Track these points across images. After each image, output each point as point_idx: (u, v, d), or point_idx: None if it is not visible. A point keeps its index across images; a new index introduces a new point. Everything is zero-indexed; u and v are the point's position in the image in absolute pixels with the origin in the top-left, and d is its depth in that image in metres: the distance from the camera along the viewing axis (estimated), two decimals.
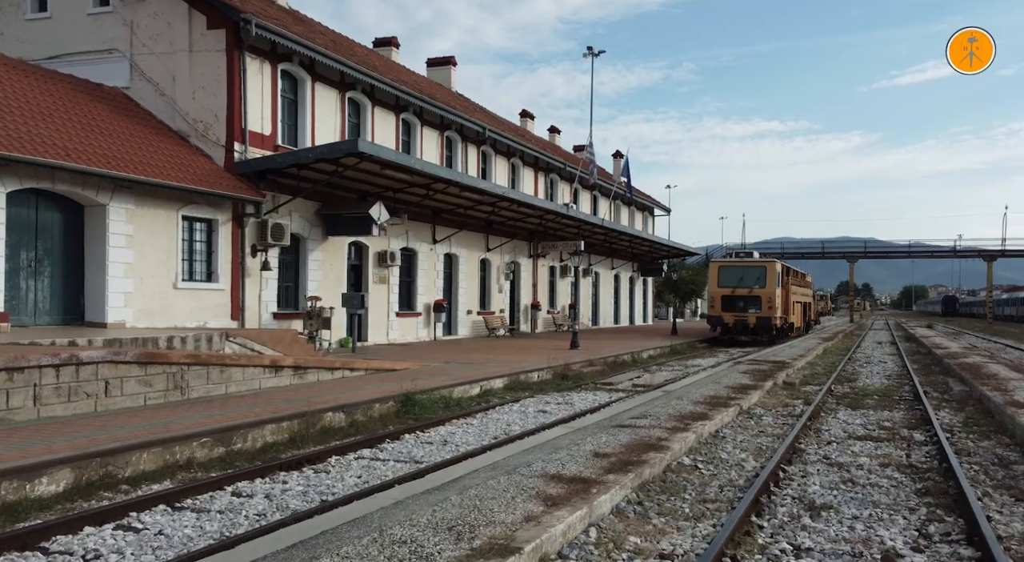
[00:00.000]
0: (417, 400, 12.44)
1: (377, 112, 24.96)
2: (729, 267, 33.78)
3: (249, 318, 19.34)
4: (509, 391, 15.51)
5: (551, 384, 16.98)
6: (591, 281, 44.30)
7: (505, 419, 12.32)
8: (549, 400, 14.51)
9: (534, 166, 36.99)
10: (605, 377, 18.70)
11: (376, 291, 24.80)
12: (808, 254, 76.91)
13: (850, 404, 14.09)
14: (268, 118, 20.13)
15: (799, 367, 20.37)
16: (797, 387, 16.36)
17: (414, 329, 26.89)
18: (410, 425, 11.37)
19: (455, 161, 29.88)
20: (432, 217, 27.69)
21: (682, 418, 10.12)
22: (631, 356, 23.94)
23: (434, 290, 28.13)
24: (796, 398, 14.45)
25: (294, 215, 20.90)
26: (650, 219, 56.65)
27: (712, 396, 12.64)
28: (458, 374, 15.81)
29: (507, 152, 34.08)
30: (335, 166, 19.25)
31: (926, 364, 23.65)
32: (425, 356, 20.39)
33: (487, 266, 32.38)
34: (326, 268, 22.34)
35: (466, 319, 30.53)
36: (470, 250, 30.58)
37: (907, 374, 19.97)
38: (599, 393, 15.70)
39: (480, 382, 15.13)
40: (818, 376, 19.13)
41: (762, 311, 32.34)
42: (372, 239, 24.19)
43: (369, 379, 14.40)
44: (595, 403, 14.14)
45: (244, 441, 9.00)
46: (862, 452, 9.53)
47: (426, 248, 27.58)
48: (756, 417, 11.73)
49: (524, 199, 27.31)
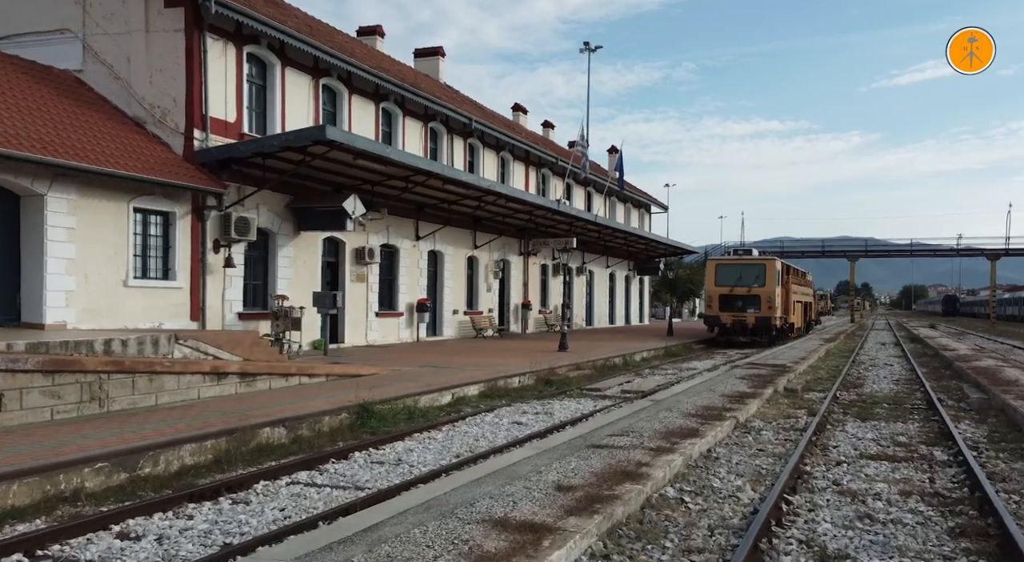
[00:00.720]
0: (375, 411, 11.11)
1: (355, 100, 23.61)
2: (727, 265, 32.44)
3: (211, 319, 18.00)
4: (485, 399, 14.19)
5: (532, 390, 15.66)
6: (585, 280, 42.97)
7: (474, 432, 11.00)
8: (527, 409, 13.18)
9: (525, 160, 35.65)
10: (592, 382, 17.38)
11: (354, 290, 23.47)
12: (808, 253, 75.58)
13: (858, 414, 12.77)
14: (233, 104, 18.77)
15: (801, 371, 19.05)
16: (799, 394, 15.04)
17: (395, 330, 25.56)
18: (364, 441, 10.06)
19: (440, 154, 28.54)
20: (415, 212, 26.35)
21: (669, 435, 8.79)
22: (623, 359, 22.62)
23: (417, 289, 26.80)
24: (799, 407, 13.13)
25: (262, 208, 19.56)
26: (647, 217, 55.32)
27: (705, 406, 11.32)
28: (430, 380, 14.49)
29: (496, 145, 32.73)
30: (303, 155, 17.91)
31: (935, 367, 22.34)
32: (401, 359, 19.06)
33: (475, 264, 31.04)
34: (298, 265, 21.01)
35: (452, 319, 29.19)
36: (456, 247, 29.25)
37: (917, 379, 18.66)
38: (583, 401, 14.38)
39: (453, 389, 13.80)
40: (821, 381, 17.81)
41: (761, 311, 31.00)
42: (348, 235, 22.85)
43: (328, 386, 13.08)
44: (577, 413, 12.82)
45: (155, 465, 7.68)
46: (877, 475, 8.21)
47: (408, 245, 26.24)
48: (754, 432, 10.40)
49: (512, 193, 26.00)
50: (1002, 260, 69.60)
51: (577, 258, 41.03)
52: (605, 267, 45.78)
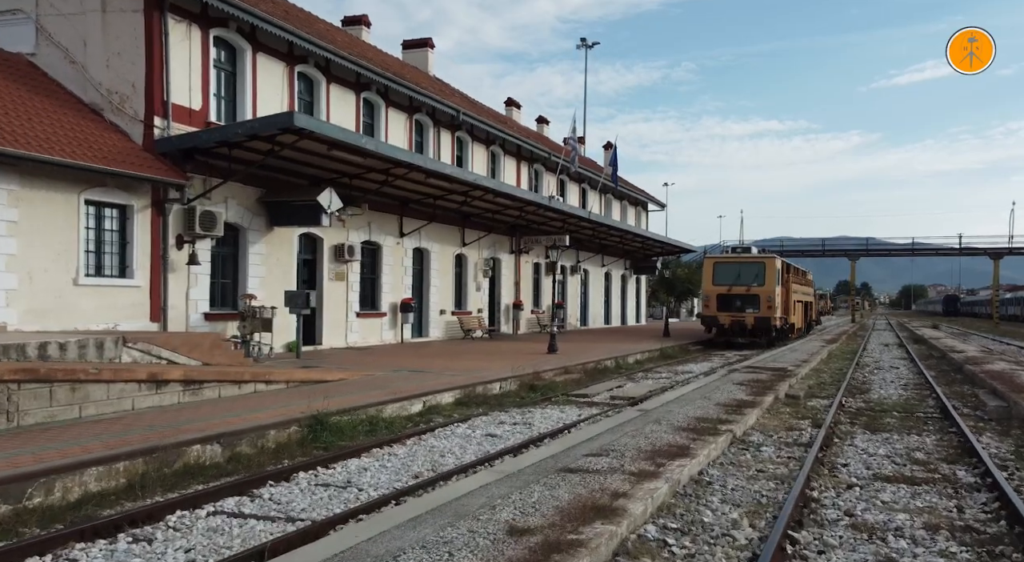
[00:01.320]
0: (332, 423, 9.97)
1: (334, 90, 22.46)
2: (725, 263, 31.28)
3: (174, 319, 16.85)
4: (460, 407, 13.04)
5: (514, 397, 14.51)
6: (579, 279, 41.82)
7: (441, 447, 9.86)
8: (505, 419, 12.04)
9: (516, 155, 34.50)
10: (580, 387, 16.24)
11: (333, 289, 22.32)
12: (808, 252, 74.48)
13: (868, 424, 11.63)
14: (198, 91, 17.62)
15: (803, 375, 17.91)
16: (802, 402, 13.90)
17: (378, 331, 24.41)
18: (314, 458, 8.91)
19: (426, 147, 27.39)
20: (399, 208, 25.20)
21: (655, 454, 7.65)
22: (615, 361, 21.49)
23: (401, 288, 25.65)
24: (802, 417, 11.99)
25: (230, 202, 18.41)
26: (644, 214, 54.16)
27: (699, 418, 10.18)
28: (402, 386, 13.34)
29: (486, 140, 31.58)
30: (271, 145, 16.76)
31: (945, 371, 21.20)
32: (378, 362, 17.92)
33: (463, 262, 29.89)
34: (271, 263, 19.85)
35: (439, 320, 28.04)
36: (443, 245, 28.10)
37: (926, 384, 17.53)
38: (567, 409, 13.23)
39: (425, 396, 12.66)
40: (825, 386, 16.68)
41: (760, 311, 29.86)
42: (327, 231, 21.70)
43: (286, 395, 11.93)
44: (559, 423, 11.68)
45: (48, 493, 6.53)
46: (896, 503, 7.08)
47: (392, 242, 25.08)
48: (753, 448, 9.25)
49: (500, 188, 24.84)
50: (1004, 259, 68.48)
51: (571, 257, 39.89)
52: (600, 266, 44.65)
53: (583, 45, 54.99)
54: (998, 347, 32.37)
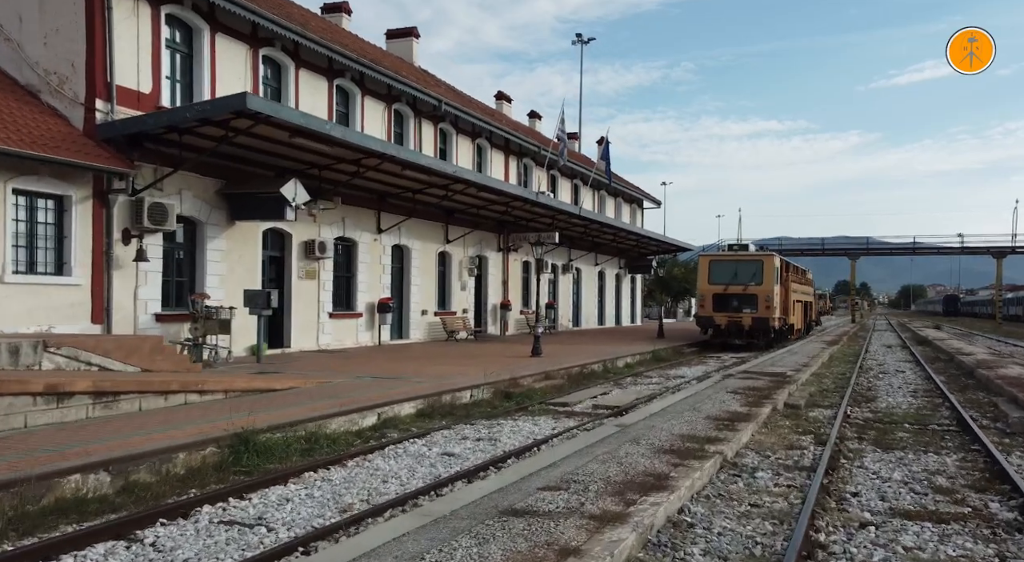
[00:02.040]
0: (260, 442, 8.60)
1: (304, 76, 21.08)
2: (721, 261, 29.91)
3: (119, 321, 15.48)
4: (422, 419, 11.68)
5: (485, 407, 13.15)
6: (572, 278, 40.46)
7: (387, 470, 8.51)
8: (469, 434, 10.68)
9: (505, 149, 33.13)
10: (561, 394, 14.88)
11: (303, 288, 20.95)
12: (808, 251, 73.13)
13: (877, 440, 10.29)
14: (148, 72, 16.25)
15: (803, 381, 16.56)
16: (803, 413, 12.54)
17: (353, 332, 23.04)
18: (231, 486, 7.55)
19: (406, 138, 26.02)
20: (376, 202, 23.83)
21: (626, 487, 6.29)
22: (603, 365, 20.13)
23: (379, 287, 24.27)
24: (803, 432, 10.63)
25: (185, 194, 17.05)
26: (639, 212, 52.76)
27: (685, 435, 8.82)
28: (359, 395, 11.98)
29: (472, 132, 30.21)
30: (225, 130, 15.38)
31: (954, 375, 19.84)
32: (345, 367, 16.57)
33: (447, 260, 28.52)
34: (232, 260, 18.48)
35: (420, 320, 26.67)
36: (425, 242, 26.73)
37: (937, 390, 16.19)
38: (542, 421, 11.87)
39: (382, 407, 11.29)
40: (828, 394, 15.33)
41: (758, 311, 28.49)
42: (295, 226, 20.34)
43: (219, 407, 10.56)
44: (528, 439, 10.32)
45: None
46: (923, 549, 5.73)
47: (368, 238, 23.71)
48: (747, 474, 7.88)
49: (483, 182, 23.47)
50: (1005, 259, 67.16)
51: (563, 255, 38.53)
52: (594, 265, 43.29)
53: (579, 41, 53.74)
54: (1005, 349, 31.05)
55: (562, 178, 39.53)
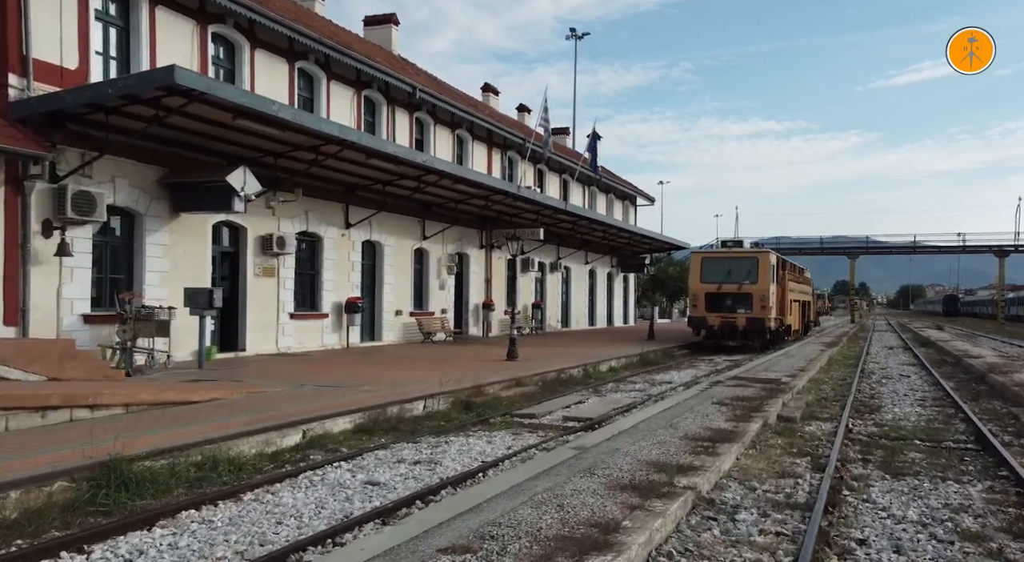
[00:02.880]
0: (134, 473, 7.03)
1: (261, 57, 19.52)
2: (714, 259, 28.35)
3: (39, 322, 13.89)
4: (359, 436, 10.12)
5: (439, 420, 11.59)
6: (560, 277, 38.90)
7: (289, 505, 6.95)
8: (407, 455, 9.11)
9: (487, 142, 31.57)
10: (531, 404, 13.31)
11: (259, 287, 19.38)
12: (806, 250, 71.55)
13: (886, 463, 8.74)
14: (73, 46, 14.66)
15: (800, 389, 15.01)
16: (798, 427, 10.99)
17: (318, 334, 21.46)
18: (76, 533, 6.00)
19: (378, 127, 24.47)
20: (344, 195, 22.26)
21: (558, 548, 4.73)
22: (583, 369, 18.57)
23: (347, 286, 22.70)
24: (798, 453, 9.08)
25: (120, 182, 15.49)
26: (632, 209, 51.20)
27: (653, 463, 7.27)
28: (289, 409, 10.42)
29: (451, 122, 28.67)
30: (155, 109, 13.81)
31: (964, 381, 18.29)
32: (295, 374, 15.03)
33: (424, 257, 26.96)
34: (176, 255, 16.91)
35: (394, 322, 25.10)
36: (400, 237, 25.16)
37: (947, 397, 14.65)
38: (498, 438, 10.32)
39: (310, 423, 9.73)
40: (827, 403, 13.77)
41: (753, 311, 26.94)
42: (251, 220, 18.79)
43: (109, 426, 8.99)
44: (476, 461, 8.78)
45: None
46: None
47: (335, 233, 22.14)
48: (725, 516, 6.30)
49: (457, 172, 21.87)
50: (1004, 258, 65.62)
51: (550, 253, 36.97)
52: (584, 263, 41.72)
53: (573, 36, 52.29)
54: (1013, 350, 29.50)
55: (550, 173, 38.00)
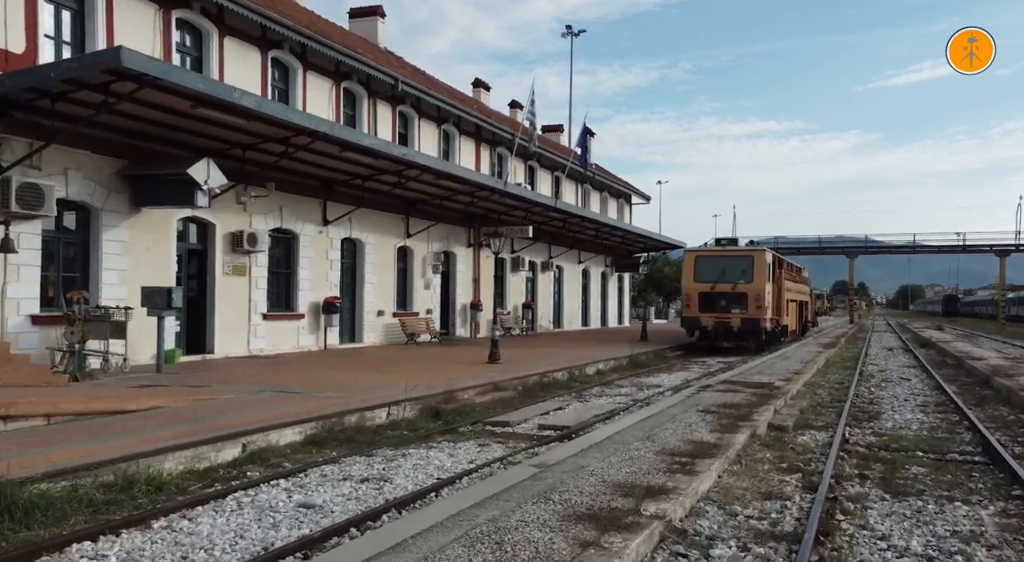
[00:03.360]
0: (23, 499, 6.15)
1: (231, 45, 18.66)
2: (708, 257, 27.47)
3: None
4: (308, 449, 9.23)
5: (403, 429, 10.71)
6: (552, 276, 38.01)
7: (202, 535, 6.07)
8: (357, 471, 8.24)
9: (476, 137, 30.71)
10: (506, 412, 12.44)
11: (230, 286, 18.50)
12: (804, 249, 70.64)
13: (885, 480, 7.86)
14: (19, 29, 13.80)
15: (794, 394, 14.14)
16: (790, 437, 10.12)
17: (293, 336, 20.58)
18: None
19: (359, 120, 23.61)
20: (322, 191, 21.38)
21: None
22: (569, 372, 17.71)
23: (325, 285, 21.82)
24: (788, 469, 8.20)
25: (74, 175, 14.62)
26: (627, 208, 50.33)
27: (621, 484, 6.39)
28: (233, 418, 9.55)
29: (437, 117, 27.81)
30: (104, 96, 12.91)
31: (967, 384, 17.41)
32: (259, 378, 14.16)
33: (408, 256, 26.08)
34: (137, 253, 16.03)
35: (376, 322, 24.22)
36: (382, 235, 24.28)
37: (950, 402, 13.78)
38: (462, 450, 9.44)
39: (251, 435, 8.85)
40: (822, 410, 12.90)
41: (748, 311, 26.07)
42: (220, 215, 17.92)
43: (19, 440, 8.11)
44: (432, 478, 7.90)
45: None
46: None
47: (313, 230, 21.26)
48: (697, 552, 5.38)
49: (441, 167, 21.00)
50: (995, 259, 64.75)
51: (542, 252, 36.10)
52: (577, 262, 40.84)
53: (569, 33, 51.41)
54: (1016, 352, 28.63)
55: (542, 170, 37.14)
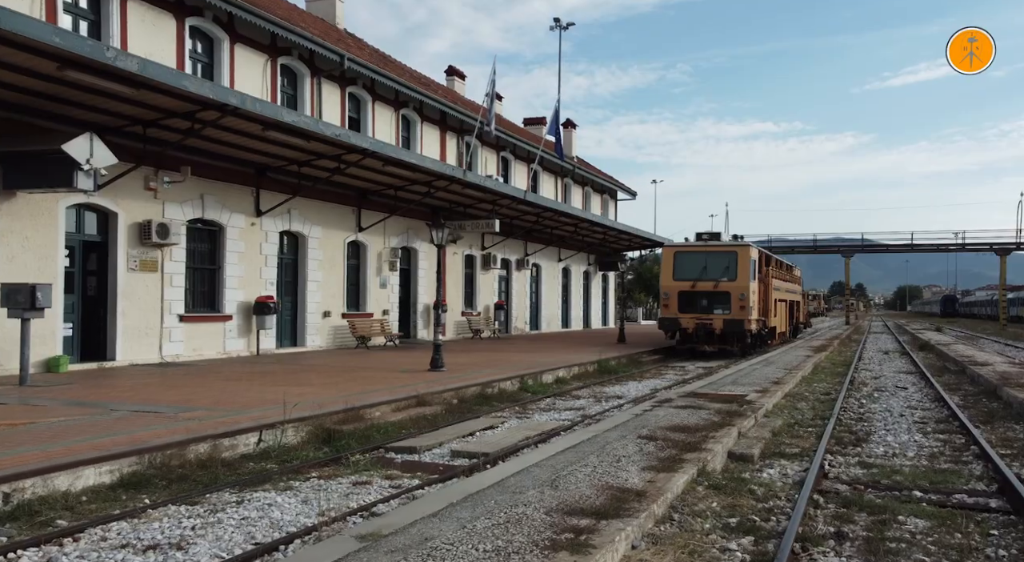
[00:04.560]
0: None
1: (137, 11, 16.52)
2: (688, 253, 25.29)
3: None
4: (118, 492, 7.07)
5: (271, 459, 8.54)
6: (529, 275, 35.85)
7: None
8: (150, 534, 6.07)
9: (440, 124, 28.58)
10: (420, 432, 10.28)
11: (137, 284, 16.33)
12: (798, 248, 68.37)
13: (871, 546, 5.70)
14: None
15: (769, 409, 11.98)
16: (753, 471, 7.95)
17: (218, 339, 18.40)
18: None
19: (301, 101, 21.48)
20: (253, 177, 19.22)
21: None
22: (521, 381, 15.57)
23: (259, 283, 19.65)
24: (736, 530, 6.00)
25: None
26: (612, 203, 48.18)
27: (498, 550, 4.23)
28: (26, 452, 7.38)
29: (395, 101, 25.67)
30: None
31: (973, 395, 15.26)
32: (136, 392, 12.05)
33: (362, 251, 23.92)
34: (12, 245, 13.86)
35: (322, 325, 22.04)
36: (329, 228, 22.12)
37: (953, 419, 11.65)
38: (325, 492, 7.27)
39: (29, 479, 6.67)
40: (800, 430, 10.74)
41: (732, 312, 23.94)
42: (125, 204, 15.77)
43: None
44: (246, 544, 5.74)
45: None
46: None
47: (243, 221, 19.09)
48: None
49: (385, 152, 18.79)
50: (991, 259, 62.67)
51: (517, 249, 33.95)
52: (557, 260, 38.68)
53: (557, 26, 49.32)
54: (1021, 355, 26.51)
55: (517, 162, 34.99)
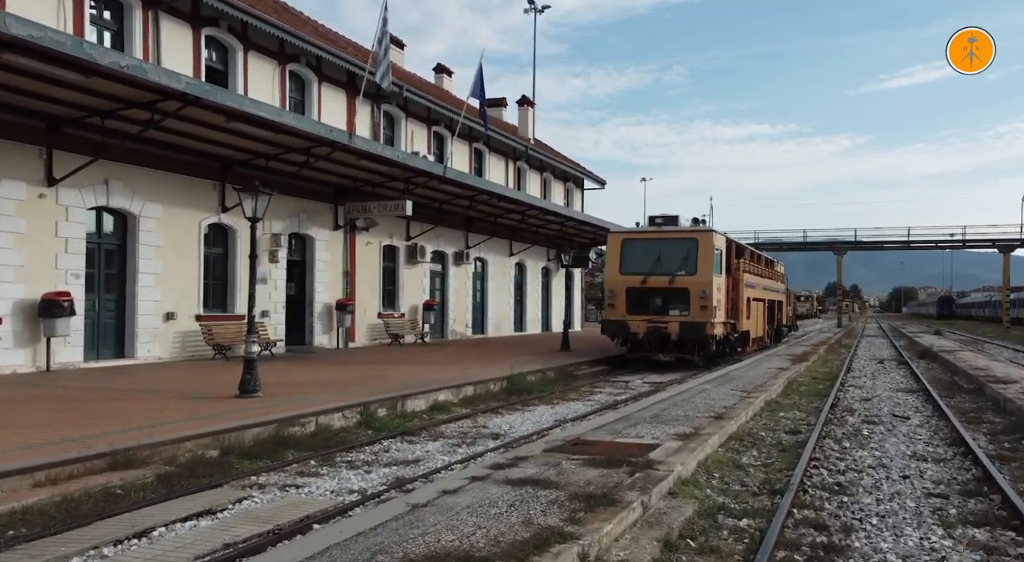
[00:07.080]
0: None
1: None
2: (638, 241, 20.49)
3: None
4: None
5: None
6: (472, 271, 31.05)
7: None
8: None
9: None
10: (79, 529, 5.58)
11: None
12: (787, 245, 63.83)
13: None
14: None
15: (685, 474, 7.30)
16: None
17: None
18: None
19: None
20: (42, 134, 14.50)
21: None
22: (367, 412, 10.88)
23: (53, 275, 14.90)
24: None
25: None
26: (577, 192, 43.41)
27: None
28: None
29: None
30: None
31: (1006, 432, 10.56)
32: None
33: (229, 237, 19.21)
34: None
35: (163, 330, 17.27)
36: (174, 207, 17.39)
37: (988, 482, 6.99)
38: None
39: None
40: (724, 526, 6.05)
41: (691, 313, 19.21)
42: None
43: None
44: None
45: None
46: None
47: (25, 193, 14.38)
48: None
49: (212, 99, 14.00)
50: (986, 260, 58.30)
51: (455, 240, 29.21)
52: (507, 254, 33.90)
53: (531, 8, 44.99)
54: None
55: (459, 140, 30.11)
